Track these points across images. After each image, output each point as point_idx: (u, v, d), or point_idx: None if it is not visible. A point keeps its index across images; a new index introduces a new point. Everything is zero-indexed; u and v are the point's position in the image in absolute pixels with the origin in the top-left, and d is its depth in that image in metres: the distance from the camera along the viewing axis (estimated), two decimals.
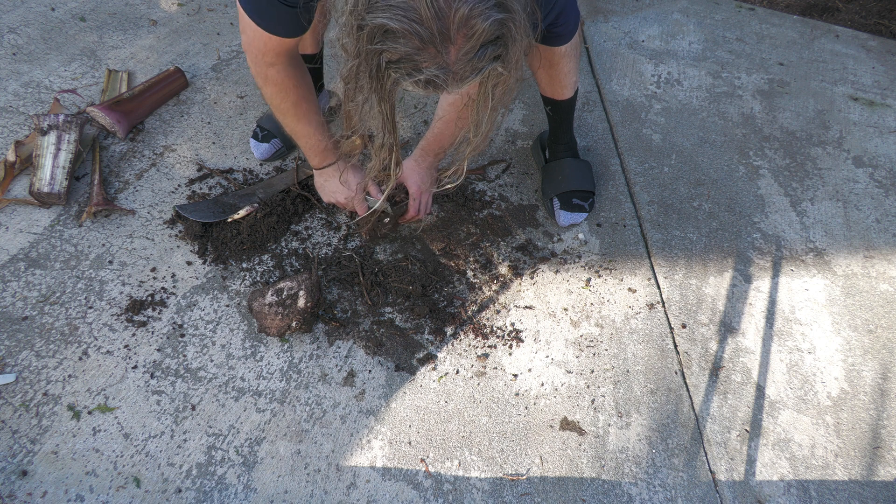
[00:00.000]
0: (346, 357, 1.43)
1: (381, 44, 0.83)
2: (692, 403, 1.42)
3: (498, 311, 1.53)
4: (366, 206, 1.53)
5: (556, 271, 1.61)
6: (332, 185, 1.50)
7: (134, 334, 1.41)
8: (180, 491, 1.22)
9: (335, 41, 0.90)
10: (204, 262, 1.54)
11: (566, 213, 1.68)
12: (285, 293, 1.39)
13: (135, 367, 1.36)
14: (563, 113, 1.67)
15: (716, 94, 2.11)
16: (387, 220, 1.54)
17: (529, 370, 1.44)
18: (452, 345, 1.46)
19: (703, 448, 1.36)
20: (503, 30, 0.84)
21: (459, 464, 1.30)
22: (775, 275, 1.65)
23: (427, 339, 1.47)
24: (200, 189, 1.68)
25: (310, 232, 1.63)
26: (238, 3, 1.15)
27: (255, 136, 1.76)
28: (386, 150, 1.12)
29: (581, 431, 1.36)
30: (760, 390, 1.44)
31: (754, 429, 1.39)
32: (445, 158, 1.58)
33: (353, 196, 1.50)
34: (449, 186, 1.53)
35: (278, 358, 1.41)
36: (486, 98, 1.02)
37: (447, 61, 0.83)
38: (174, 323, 1.44)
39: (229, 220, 1.58)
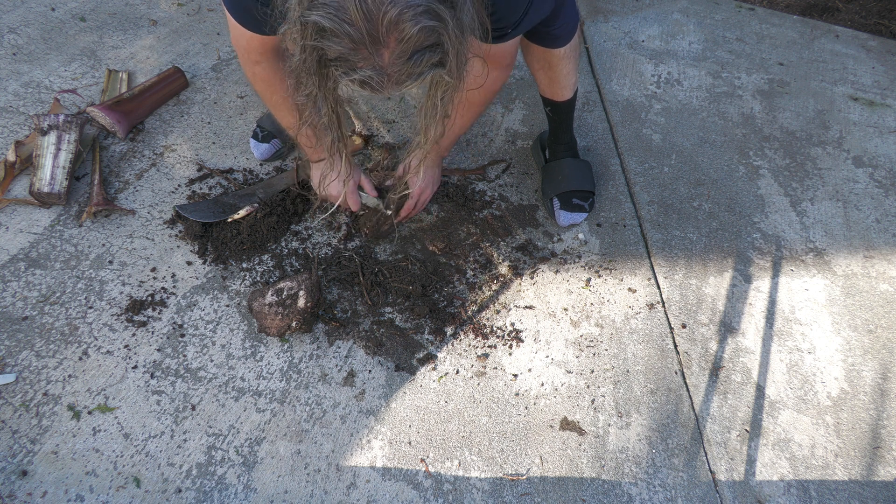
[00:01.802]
0: (346, 357, 1.43)
1: (318, 41, 0.84)
2: (692, 403, 1.42)
3: (498, 311, 1.53)
4: (358, 201, 1.52)
5: (556, 271, 1.61)
6: (326, 179, 1.50)
7: (134, 334, 1.41)
8: (180, 491, 1.22)
9: (285, 35, 0.91)
10: (204, 262, 1.54)
11: (566, 213, 1.68)
12: (285, 293, 1.39)
13: (135, 367, 1.36)
14: (562, 113, 1.67)
15: (716, 94, 2.11)
16: (389, 212, 1.54)
17: (529, 370, 1.44)
18: (452, 345, 1.46)
19: (703, 448, 1.36)
20: (437, 37, 0.83)
21: (459, 464, 1.30)
22: (775, 275, 1.65)
23: (427, 339, 1.47)
24: (200, 189, 1.68)
25: (310, 232, 1.63)
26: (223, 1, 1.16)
27: (255, 136, 1.76)
28: (334, 147, 1.13)
29: (581, 431, 1.36)
30: (760, 390, 1.44)
31: (754, 429, 1.39)
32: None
33: (346, 191, 1.50)
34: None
35: (278, 358, 1.41)
36: (434, 107, 1.04)
37: (381, 63, 0.84)
38: (174, 323, 1.44)
39: (229, 220, 1.58)
